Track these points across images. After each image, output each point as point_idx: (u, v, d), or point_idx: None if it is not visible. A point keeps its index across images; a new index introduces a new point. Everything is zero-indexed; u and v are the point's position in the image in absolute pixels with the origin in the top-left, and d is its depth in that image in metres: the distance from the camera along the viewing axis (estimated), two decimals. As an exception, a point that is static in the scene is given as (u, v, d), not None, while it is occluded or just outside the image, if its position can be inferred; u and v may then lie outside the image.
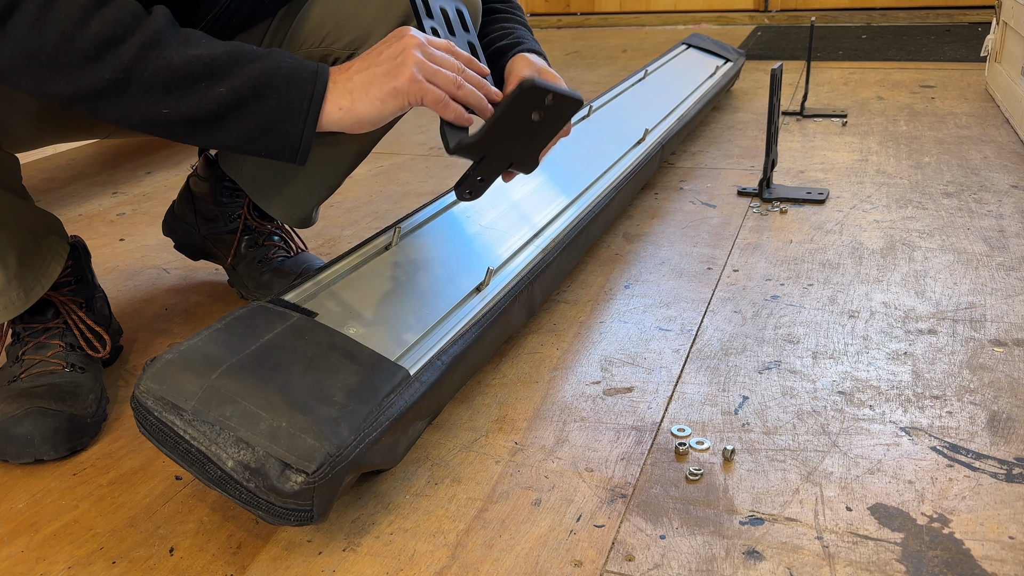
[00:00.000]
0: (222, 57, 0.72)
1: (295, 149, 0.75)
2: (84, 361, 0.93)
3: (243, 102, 0.73)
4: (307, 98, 0.74)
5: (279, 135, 0.74)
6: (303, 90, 0.74)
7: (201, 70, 0.71)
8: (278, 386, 0.70)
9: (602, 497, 0.76)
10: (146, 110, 0.72)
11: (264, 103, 0.73)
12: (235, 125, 0.74)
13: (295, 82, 0.74)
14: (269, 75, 0.73)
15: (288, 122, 0.74)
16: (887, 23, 3.44)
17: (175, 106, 0.72)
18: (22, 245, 0.88)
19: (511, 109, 0.76)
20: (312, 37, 0.95)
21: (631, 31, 3.72)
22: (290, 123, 0.74)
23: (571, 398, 0.91)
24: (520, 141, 0.80)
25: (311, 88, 0.74)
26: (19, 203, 0.89)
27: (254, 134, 0.74)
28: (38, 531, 0.76)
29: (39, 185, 1.83)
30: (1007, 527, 0.70)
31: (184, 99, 0.72)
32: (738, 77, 2.37)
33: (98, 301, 1.01)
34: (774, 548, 0.69)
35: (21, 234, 0.88)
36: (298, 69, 0.74)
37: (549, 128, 0.80)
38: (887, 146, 1.78)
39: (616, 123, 1.57)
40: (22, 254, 0.88)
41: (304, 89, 0.74)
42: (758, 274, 1.20)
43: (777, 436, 0.83)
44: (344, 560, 0.70)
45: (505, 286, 0.96)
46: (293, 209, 1.13)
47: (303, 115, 0.74)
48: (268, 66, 0.73)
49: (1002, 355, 0.95)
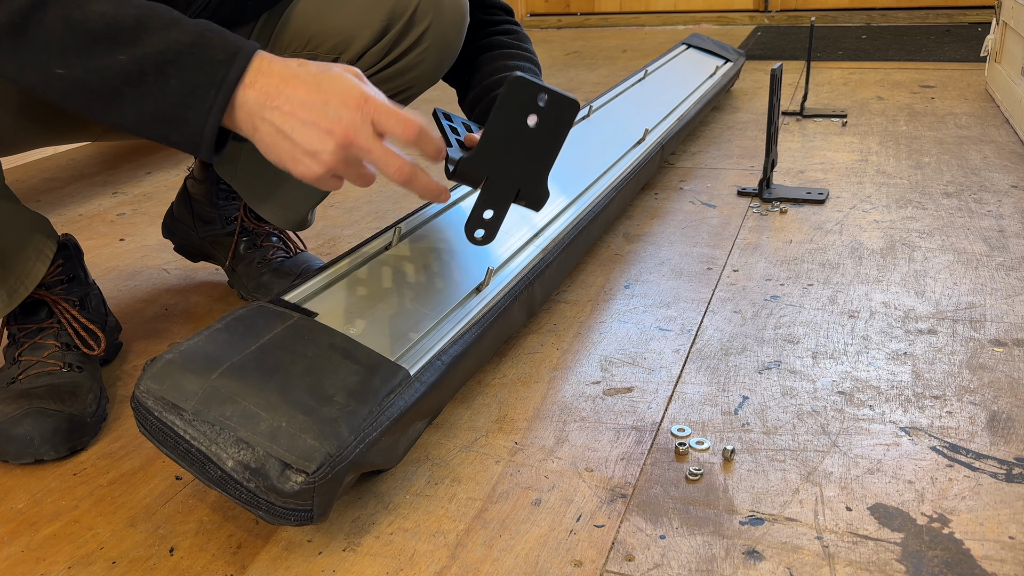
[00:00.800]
0: (129, 19, 0.64)
1: (196, 142, 0.66)
2: (81, 360, 0.93)
3: (142, 76, 0.64)
4: (216, 85, 0.64)
5: (179, 124, 0.65)
6: (213, 75, 0.64)
7: (102, 30, 0.63)
8: (278, 386, 0.70)
9: (602, 497, 0.76)
10: (39, 67, 0.64)
11: (166, 82, 0.64)
12: (132, 104, 0.65)
13: (206, 63, 0.64)
14: (177, 50, 0.64)
15: (190, 109, 0.65)
16: (887, 23, 3.44)
17: (68, 67, 0.64)
18: (4, 246, 0.87)
19: (502, 107, 0.73)
20: (296, 42, 0.95)
21: (631, 31, 3.73)
22: (192, 110, 0.65)
23: (571, 398, 0.92)
24: (521, 156, 0.76)
25: (223, 73, 0.64)
26: (0, 204, 0.88)
27: (153, 118, 0.66)
28: (38, 531, 0.76)
29: (39, 185, 1.83)
30: (1007, 527, 0.70)
31: (79, 60, 0.63)
32: (738, 77, 2.37)
33: (92, 299, 1.00)
34: (774, 548, 0.69)
35: (2, 235, 0.87)
36: (214, 48, 0.65)
37: (549, 139, 0.76)
38: (887, 146, 1.78)
39: (616, 123, 1.57)
40: (4, 255, 0.87)
41: (214, 73, 0.64)
42: (758, 274, 1.20)
43: (777, 436, 0.83)
44: (344, 560, 0.70)
45: (505, 286, 0.96)
46: (287, 212, 1.13)
47: (208, 104, 0.64)
48: (179, 39, 0.64)
49: (1002, 355, 0.95)
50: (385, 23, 0.91)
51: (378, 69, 0.94)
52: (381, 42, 0.92)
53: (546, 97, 0.74)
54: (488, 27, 1.04)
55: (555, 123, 0.75)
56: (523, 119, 0.74)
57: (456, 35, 0.95)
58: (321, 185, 0.70)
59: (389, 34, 0.91)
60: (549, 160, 0.78)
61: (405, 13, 0.91)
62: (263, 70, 0.66)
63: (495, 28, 1.05)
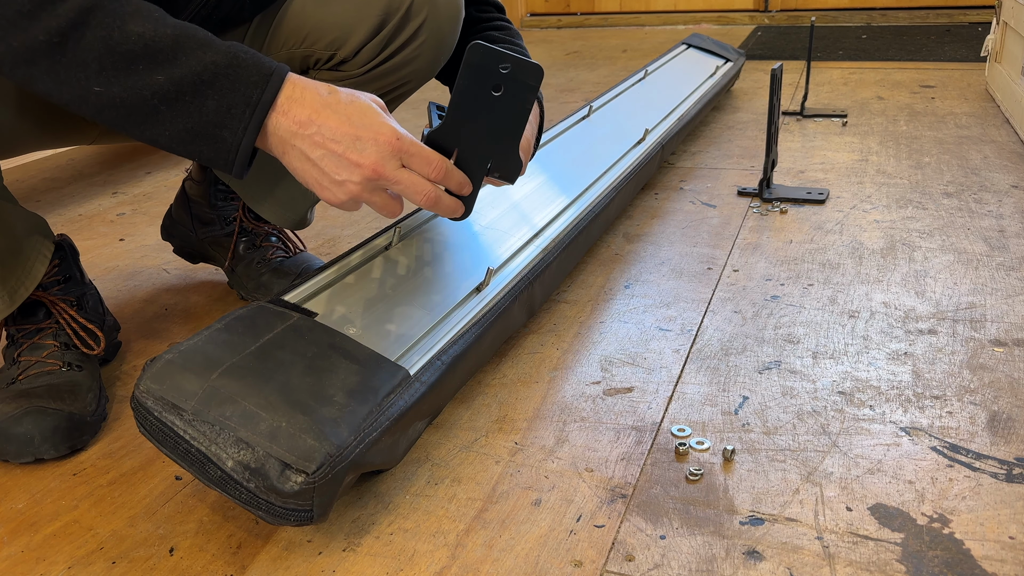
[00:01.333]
0: (166, 39, 0.66)
1: (230, 160, 0.69)
2: (80, 359, 0.93)
3: (180, 96, 0.66)
4: (251, 106, 0.67)
5: (214, 141, 0.68)
6: (248, 96, 0.67)
7: (141, 50, 0.65)
8: (278, 386, 0.70)
9: (602, 497, 0.76)
10: (78, 85, 0.66)
11: (204, 102, 0.67)
12: (169, 122, 0.67)
13: (241, 85, 0.67)
14: (214, 72, 0.67)
15: (225, 128, 0.67)
16: (887, 23, 3.44)
17: (107, 86, 0.66)
18: (3, 247, 0.87)
19: (465, 77, 0.73)
20: (292, 38, 0.95)
21: (631, 31, 3.72)
22: (227, 129, 0.67)
23: (571, 398, 0.91)
24: (490, 127, 0.76)
25: (258, 95, 0.67)
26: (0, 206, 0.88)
27: (188, 135, 0.68)
28: (38, 531, 0.76)
29: (39, 185, 1.83)
30: (1007, 527, 0.70)
31: (118, 80, 0.65)
32: (738, 77, 2.37)
33: (90, 299, 1.00)
34: (774, 548, 0.69)
35: (2, 237, 0.87)
36: (249, 69, 0.68)
37: (516, 108, 0.76)
38: (887, 146, 1.78)
39: (616, 123, 1.57)
40: (4, 256, 0.87)
41: (249, 95, 0.67)
42: (758, 274, 1.20)
43: (777, 436, 0.83)
44: (344, 560, 0.70)
45: (505, 286, 0.96)
46: (286, 212, 1.13)
47: (243, 123, 0.67)
48: (215, 60, 0.67)
49: (1002, 355, 0.95)
50: (381, 18, 0.91)
51: (374, 65, 0.94)
52: (377, 37, 0.92)
53: (508, 65, 0.74)
54: (480, 23, 1.05)
55: (520, 91, 0.75)
56: (487, 88, 0.74)
57: (451, 30, 0.95)
58: (344, 208, 0.73)
59: (385, 29, 0.92)
60: (518, 130, 0.78)
61: (401, 8, 0.91)
62: (295, 97, 0.69)
63: (487, 24, 1.05)
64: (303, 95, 0.69)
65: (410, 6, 0.91)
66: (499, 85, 0.74)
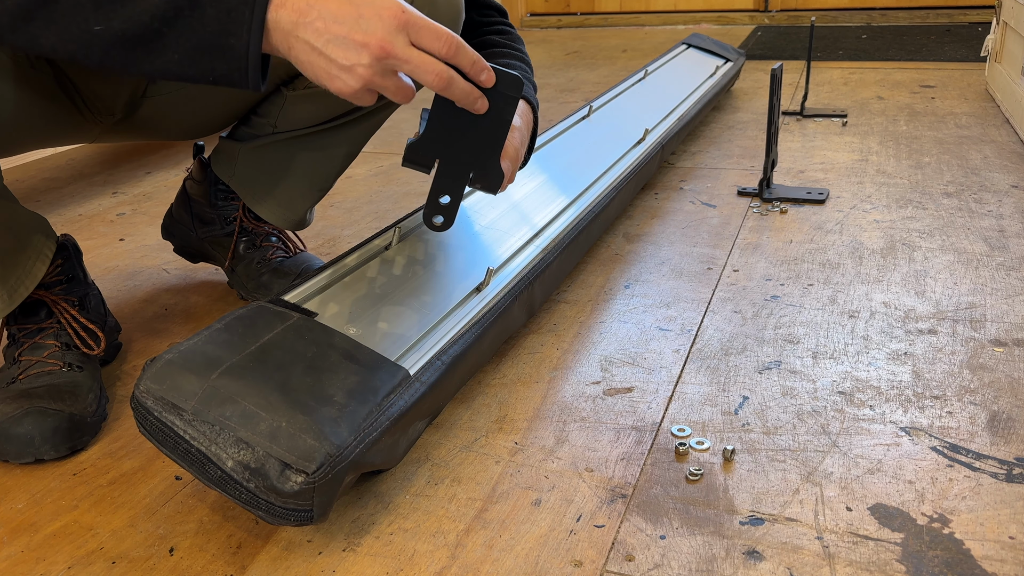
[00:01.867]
0: None
1: (244, 68, 0.67)
2: (81, 360, 0.93)
3: (178, 12, 0.65)
4: (248, 4, 0.65)
5: (223, 52, 0.66)
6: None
7: None
8: (278, 386, 0.70)
9: (602, 497, 0.76)
10: (78, 29, 0.65)
11: (202, 12, 0.65)
12: (174, 43, 0.66)
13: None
14: None
15: (231, 34, 0.65)
16: (887, 23, 3.44)
17: (106, 20, 0.65)
18: (3, 246, 0.87)
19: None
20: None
21: (631, 31, 3.73)
22: (233, 35, 0.65)
23: (571, 398, 0.91)
24: (471, 137, 0.76)
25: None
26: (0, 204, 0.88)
27: (196, 53, 0.66)
28: (38, 531, 0.76)
29: (39, 185, 1.83)
30: (1007, 527, 0.70)
31: (114, 10, 0.65)
32: (738, 77, 2.37)
33: (92, 299, 1.00)
34: (774, 548, 0.69)
35: (2, 236, 0.87)
36: None
37: (497, 120, 0.76)
38: (887, 146, 1.78)
39: (616, 123, 1.57)
40: (4, 255, 0.87)
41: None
42: (758, 274, 1.20)
43: (777, 436, 0.83)
44: (344, 560, 0.70)
45: (505, 286, 0.96)
46: (285, 211, 1.13)
47: (246, 24, 0.65)
48: None
49: (1002, 355, 0.95)
50: None
51: None
52: None
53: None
54: (481, 27, 1.04)
55: (500, 101, 0.75)
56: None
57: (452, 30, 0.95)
58: (358, 100, 0.70)
59: None
60: (499, 141, 0.78)
61: None
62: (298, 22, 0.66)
63: (488, 28, 1.05)
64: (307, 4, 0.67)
65: None
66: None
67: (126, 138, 1.06)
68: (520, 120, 0.91)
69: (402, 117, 2.21)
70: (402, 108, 1.42)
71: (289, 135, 1.07)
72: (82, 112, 0.94)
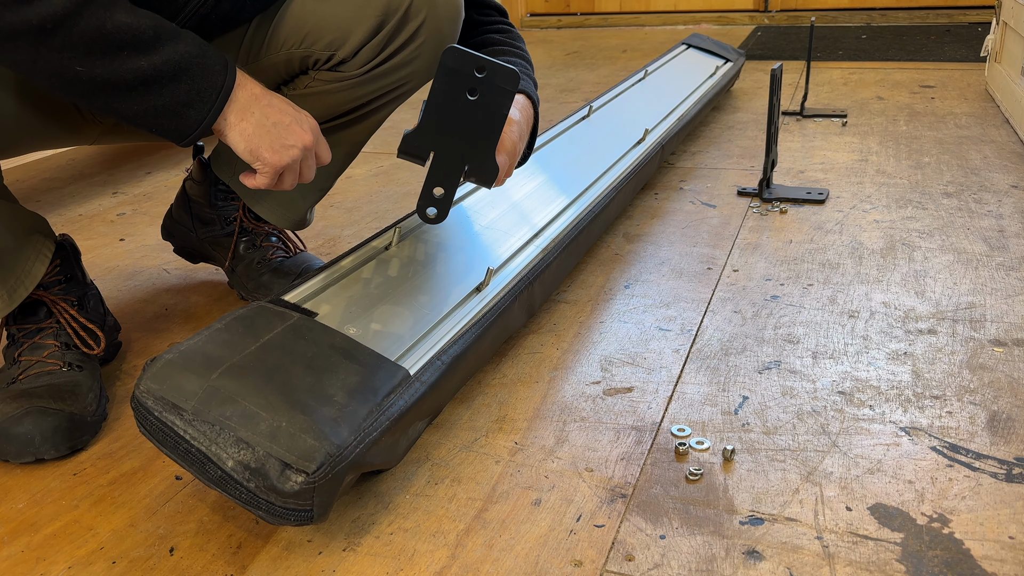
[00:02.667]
0: (148, 31, 0.73)
1: (187, 133, 0.77)
2: (81, 359, 0.93)
3: (159, 80, 0.74)
4: (217, 90, 0.77)
5: (178, 118, 0.76)
6: (215, 82, 0.77)
7: (128, 39, 0.72)
8: (278, 386, 0.70)
9: (602, 497, 0.76)
10: (59, 65, 0.71)
11: (178, 86, 0.75)
12: (142, 99, 0.75)
13: (209, 73, 0.76)
14: (189, 60, 0.75)
15: (193, 108, 0.76)
16: (887, 23, 3.44)
17: (91, 68, 0.72)
18: (3, 246, 0.87)
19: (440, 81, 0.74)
20: (291, 39, 0.95)
21: (631, 31, 3.72)
22: (194, 109, 0.76)
23: (571, 398, 0.91)
24: (466, 130, 0.77)
25: (221, 81, 0.77)
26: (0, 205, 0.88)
27: (156, 112, 0.76)
28: (38, 531, 0.76)
29: (39, 185, 1.83)
30: (1007, 527, 0.70)
31: (103, 64, 0.72)
32: (738, 77, 2.37)
33: (91, 299, 1.00)
34: (774, 548, 0.69)
35: (2, 236, 0.87)
36: (214, 59, 0.77)
37: (492, 111, 0.77)
38: (887, 146, 1.78)
39: (616, 123, 1.57)
40: (3, 256, 0.87)
41: (216, 81, 0.76)
42: (758, 274, 1.20)
43: (777, 436, 0.83)
44: (344, 560, 0.70)
45: (505, 286, 0.96)
46: (285, 212, 1.13)
47: (209, 105, 0.77)
48: (188, 51, 0.76)
49: (1002, 355, 0.95)
50: (380, 19, 0.91)
51: (373, 66, 0.94)
52: (376, 38, 0.92)
53: (485, 69, 0.73)
54: (481, 26, 1.05)
55: (496, 95, 0.76)
56: (463, 92, 0.74)
57: (451, 31, 0.95)
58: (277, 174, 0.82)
59: (384, 30, 0.92)
60: (494, 134, 0.79)
61: (400, 9, 0.91)
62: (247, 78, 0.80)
63: (488, 27, 1.05)
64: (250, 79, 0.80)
65: (409, 7, 0.91)
66: (475, 88, 0.75)
67: (125, 139, 1.06)
68: (520, 115, 0.92)
69: (401, 117, 2.21)
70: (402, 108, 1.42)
71: None
72: (82, 113, 0.94)
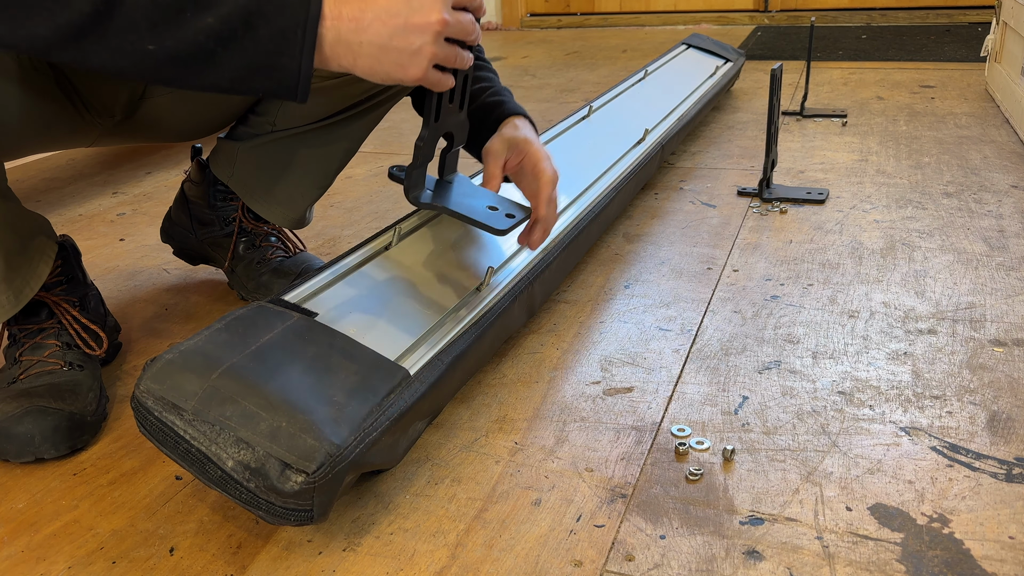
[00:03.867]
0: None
1: (293, 85, 0.69)
2: (82, 359, 0.93)
3: (233, 33, 0.67)
4: (301, 25, 0.68)
5: (275, 70, 0.69)
6: (296, 16, 0.68)
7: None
8: (278, 386, 0.70)
9: (602, 497, 0.76)
10: (131, 49, 0.66)
11: (256, 34, 0.67)
12: (227, 62, 0.68)
13: (286, 7, 0.67)
14: (259, 1, 0.67)
15: (284, 54, 0.68)
16: (887, 23, 3.44)
17: (160, 41, 0.66)
18: (9, 247, 0.87)
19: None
20: None
21: (631, 31, 3.73)
22: (286, 55, 0.68)
23: (571, 398, 0.92)
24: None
25: (304, 13, 0.68)
26: (4, 205, 0.88)
27: (249, 71, 0.68)
28: (38, 531, 0.76)
29: (39, 185, 1.83)
30: (1007, 527, 0.70)
31: (169, 32, 0.66)
32: (738, 77, 2.37)
33: (91, 299, 1.01)
34: (774, 548, 0.69)
35: (7, 236, 0.87)
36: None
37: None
38: (887, 146, 1.78)
39: (616, 123, 1.57)
40: (9, 256, 0.87)
41: (298, 15, 0.68)
42: (758, 274, 1.20)
43: (777, 436, 0.83)
44: (344, 560, 0.70)
45: (505, 286, 0.96)
46: (286, 210, 1.13)
47: (298, 44, 0.68)
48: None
49: (1002, 355, 0.95)
50: None
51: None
52: None
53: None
54: None
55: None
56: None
57: None
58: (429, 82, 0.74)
59: None
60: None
61: None
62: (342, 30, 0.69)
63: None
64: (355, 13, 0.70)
65: None
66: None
67: (125, 141, 1.06)
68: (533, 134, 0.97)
69: (401, 117, 2.21)
70: (399, 107, 1.42)
71: (288, 133, 1.07)
72: (82, 114, 0.94)
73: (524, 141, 0.94)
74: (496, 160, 0.93)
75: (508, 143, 0.94)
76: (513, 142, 0.94)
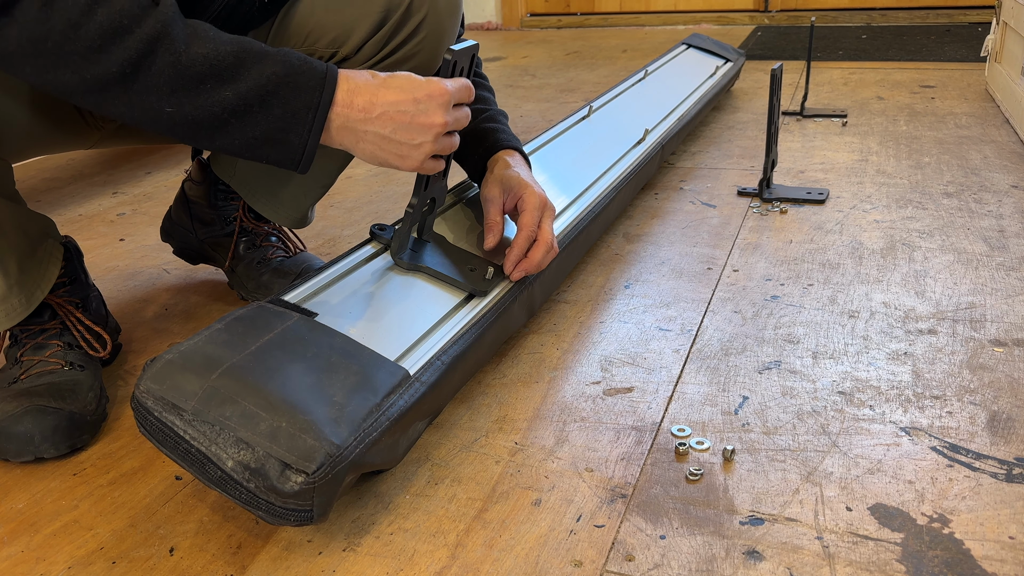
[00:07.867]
0: (228, 58, 0.71)
1: (297, 159, 0.74)
2: (83, 359, 0.93)
3: (248, 109, 0.71)
4: (312, 109, 0.73)
5: (282, 144, 0.73)
6: (309, 100, 0.72)
7: (207, 71, 0.70)
8: (278, 386, 0.70)
9: (602, 497, 0.76)
10: (150, 108, 0.70)
11: (269, 112, 0.72)
12: (238, 132, 0.72)
13: (302, 91, 0.72)
14: (276, 82, 0.72)
15: (291, 132, 0.73)
16: (887, 23, 3.44)
17: (179, 106, 0.70)
18: (20, 251, 0.87)
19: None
20: (294, 38, 0.95)
21: (631, 31, 3.72)
22: (293, 133, 0.73)
23: (571, 398, 0.91)
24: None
25: (317, 98, 0.73)
26: (14, 208, 0.88)
27: (257, 142, 0.73)
28: (38, 531, 0.76)
29: (39, 185, 1.83)
30: (1007, 527, 0.70)
31: (188, 100, 0.70)
32: (738, 77, 2.37)
33: (93, 300, 1.01)
34: (774, 548, 0.69)
35: (19, 240, 0.87)
36: (305, 75, 0.73)
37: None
38: (887, 146, 1.78)
39: (616, 123, 1.57)
40: (21, 260, 0.87)
41: (311, 99, 0.72)
42: (758, 274, 1.20)
43: (777, 436, 0.83)
44: (344, 560, 0.70)
45: (505, 286, 0.96)
46: (288, 210, 1.13)
47: (307, 126, 0.73)
48: (275, 71, 0.72)
49: (1002, 355, 0.95)
50: (382, 15, 0.92)
51: (375, 62, 0.94)
52: (378, 34, 0.92)
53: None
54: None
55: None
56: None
57: (452, 25, 0.95)
58: (425, 170, 0.80)
59: (386, 26, 0.92)
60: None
61: (401, 5, 0.92)
62: (352, 89, 0.74)
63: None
64: (357, 85, 0.75)
65: (410, 3, 0.91)
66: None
67: (125, 142, 1.06)
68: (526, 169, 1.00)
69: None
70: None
71: None
72: (84, 117, 0.94)
73: (518, 183, 0.96)
74: (496, 207, 0.96)
75: (503, 185, 0.96)
76: (507, 184, 0.96)
